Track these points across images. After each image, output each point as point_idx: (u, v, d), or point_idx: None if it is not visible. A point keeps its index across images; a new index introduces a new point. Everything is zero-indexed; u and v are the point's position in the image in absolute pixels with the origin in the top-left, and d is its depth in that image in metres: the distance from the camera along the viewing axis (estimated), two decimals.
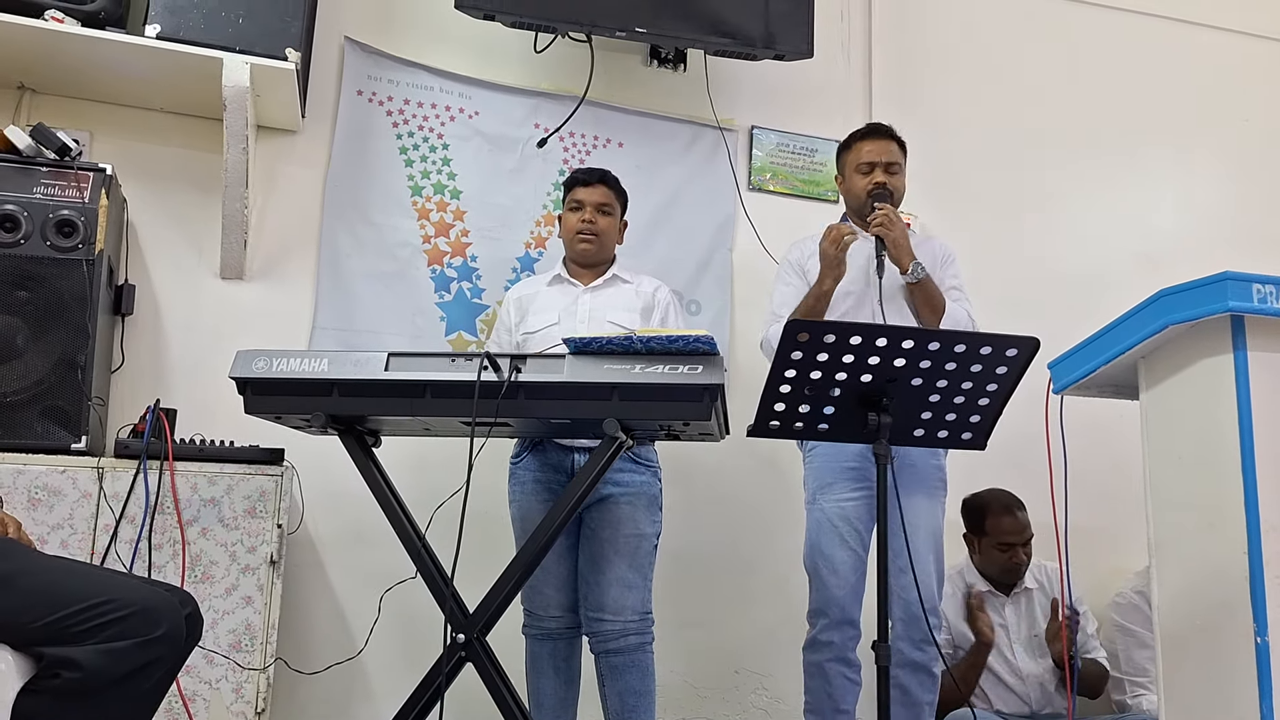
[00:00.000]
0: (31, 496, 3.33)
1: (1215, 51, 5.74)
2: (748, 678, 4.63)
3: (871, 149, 3.86)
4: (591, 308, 3.77)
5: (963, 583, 4.40)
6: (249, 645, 3.48)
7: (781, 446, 3.92)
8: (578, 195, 3.86)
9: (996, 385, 3.01)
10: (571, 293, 3.83)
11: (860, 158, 3.87)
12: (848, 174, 3.93)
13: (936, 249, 3.89)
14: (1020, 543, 4.34)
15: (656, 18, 4.53)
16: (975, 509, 4.43)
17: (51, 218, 3.50)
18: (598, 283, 3.84)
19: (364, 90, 4.55)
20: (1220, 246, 5.30)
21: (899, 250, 3.64)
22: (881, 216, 3.66)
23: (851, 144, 3.94)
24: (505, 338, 3.87)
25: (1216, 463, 2.45)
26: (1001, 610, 4.37)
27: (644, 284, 3.89)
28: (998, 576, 4.39)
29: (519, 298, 3.90)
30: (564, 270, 3.90)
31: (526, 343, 3.73)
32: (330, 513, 4.14)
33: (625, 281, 3.87)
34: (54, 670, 2.15)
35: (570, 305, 3.78)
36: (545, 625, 3.70)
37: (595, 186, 3.85)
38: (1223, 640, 2.43)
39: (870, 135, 3.91)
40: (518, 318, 3.84)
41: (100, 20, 3.78)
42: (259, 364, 2.98)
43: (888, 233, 3.65)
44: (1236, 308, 2.39)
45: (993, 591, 4.39)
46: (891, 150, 3.87)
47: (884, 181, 3.80)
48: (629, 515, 3.62)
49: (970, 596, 4.33)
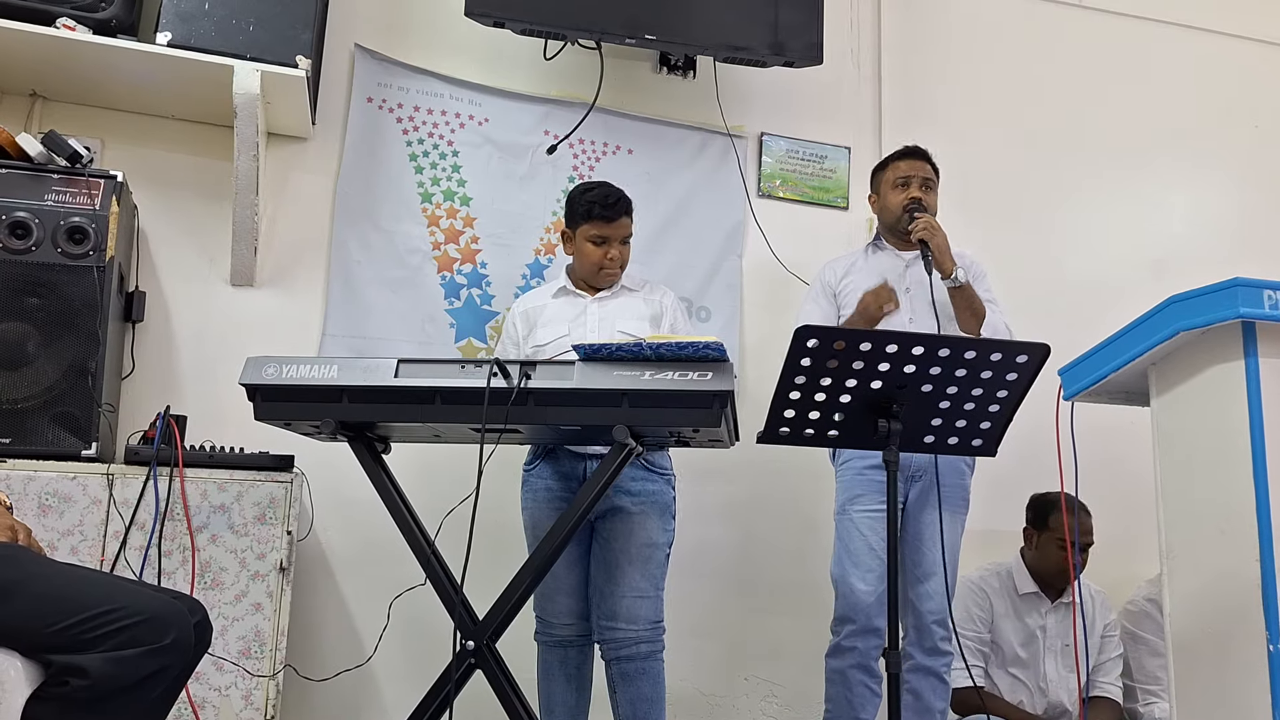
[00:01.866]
0: (42, 503, 3.33)
1: (1225, 57, 5.73)
2: (758, 685, 4.62)
3: (907, 167, 3.99)
4: (600, 317, 3.74)
5: (1010, 581, 4.40)
6: (258, 652, 3.47)
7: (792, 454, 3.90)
8: (602, 231, 3.71)
9: (1007, 392, 3.00)
10: (579, 303, 3.80)
11: (897, 174, 4.00)
12: (883, 191, 4.04)
13: (968, 263, 3.93)
14: (1083, 545, 4.31)
15: (666, 25, 4.53)
16: (1042, 503, 4.41)
17: (63, 225, 3.51)
18: (605, 294, 3.81)
19: (374, 97, 4.55)
20: (1230, 252, 5.31)
21: (943, 255, 3.74)
22: (924, 222, 3.78)
23: (888, 163, 4.07)
24: (512, 351, 3.82)
25: (1228, 469, 2.44)
26: (1043, 616, 4.36)
27: (650, 291, 3.87)
28: (1049, 577, 4.37)
29: (525, 310, 3.86)
30: (569, 282, 3.85)
31: (536, 356, 3.66)
32: (340, 519, 4.14)
33: (632, 290, 3.84)
34: (62, 677, 2.15)
35: (579, 316, 3.76)
36: (557, 633, 3.68)
37: (619, 221, 3.72)
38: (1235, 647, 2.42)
39: (906, 155, 4.04)
40: (525, 330, 3.81)
41: (112, 28, 3.78)
42: (269, 370, 2.98)
43: (932, 237, 3.75)
44: (1247, 314, 2.38)
45: (1039, 594, 4.37)
46: (926, 169, 3.99)
47: (919, 197, 3.91)
48: (641, 525, 3.60)
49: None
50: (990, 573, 4.41)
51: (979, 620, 4.31)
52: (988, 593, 4.36)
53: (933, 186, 3.98)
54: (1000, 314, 3.86)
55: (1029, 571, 4.40)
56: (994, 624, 4.34)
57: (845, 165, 5.08)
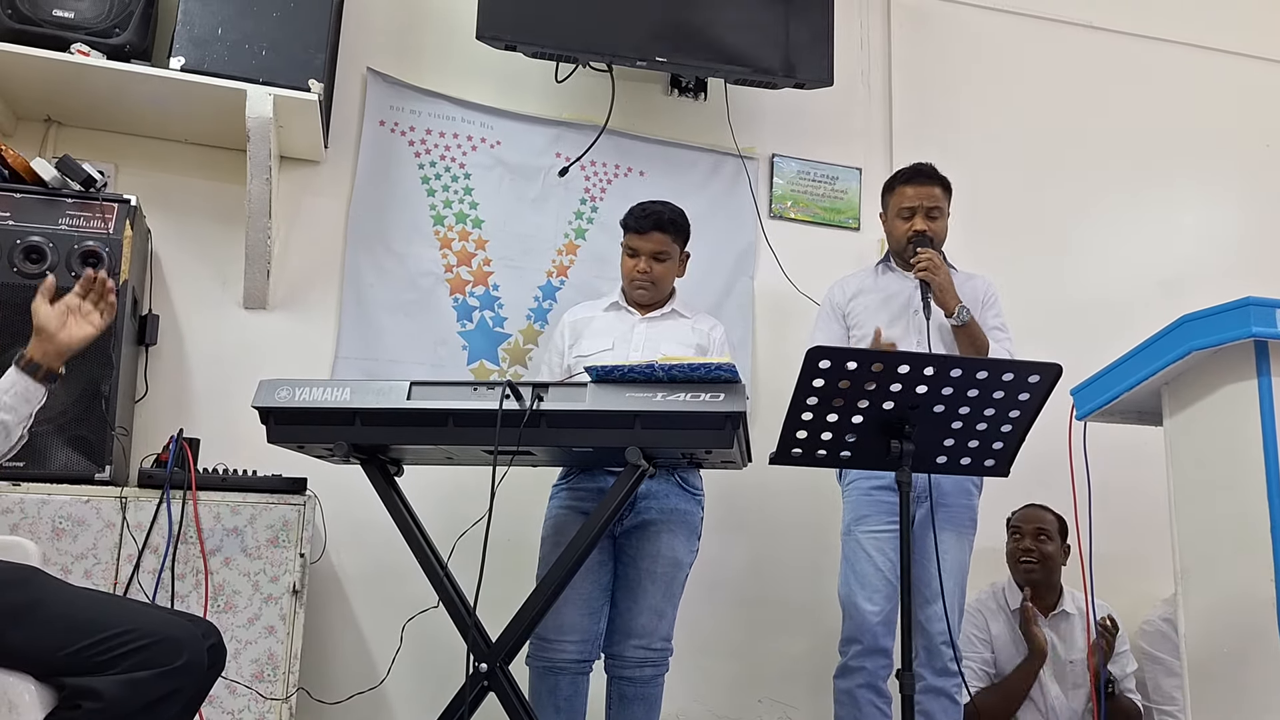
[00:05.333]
0: (56, 526, 3.33)
1: (1235, 77, 5.72)
2: (771, 706, 4.60)
3: (913, 194, 3.90)
4: (647, 337, 3.74)
5: (1003, 598, 4.40)
6: (271, 675, 3.47)
7: (809, 474, 3.91)
8: (632, 243, 3.78)
9: (1019, 412, 3.00)
10: (629, 320, 3.81)
11: (902, 202, 3.92)
12: (889, 216, 3.99)
13: (980, 287, 3.92)
14: (1027, 531, 4.36)
15: (677, 47, 4.55)
16: (1011, 519, 4.48)
17: (77, 249, 3.52)
18: (655, 314, 3.83)
19: (386, 120, 4.57)
20: (1242, 271, 5.29)
21: (944, 294, 3.70)
22: (925, 261, 3.71)
23: (895, 186, 3.98)
24: (555, 360, 3.85)
25: (1242, 488, 2.44)
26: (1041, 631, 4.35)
27: (701, 321, 3.87)
28: (1014, 574, 4.40)
29: (574, 321, 3.89)
30: (622, 299, 3.88)
31: (578, 365, 3.66)
32: (353, 542, 4.14)
33: (683, 316, 3.85)
34: (75, 700, 2.16)
35: (626, 332, 3.77)
36: (552, 655, 3.55)
37: (649, 235, 3.74)
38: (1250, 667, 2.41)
39: (913, 179, 3.94)
40: (571, 340, 3.83)
41: (125, 53, 3.81)
42: (282, 393, 2.99)
43: (933, 277, 3.70)
44: (1260, 333, 2.38)
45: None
46: (934, 194, 3.90)
47: (923, 230, 3.84)
48: (668, 544, 3.60)
49: (1025, 609, 4.28)
50: (987, 595, 4.42)
51: (979, 642, 4.30)
52: (984, 615, 4.36)
53: (941, 211, 3.90)
54: (1007, 344, 3.82)
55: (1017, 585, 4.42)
56: (993, 643, 4.33)
57: (856, 186, 5.08)
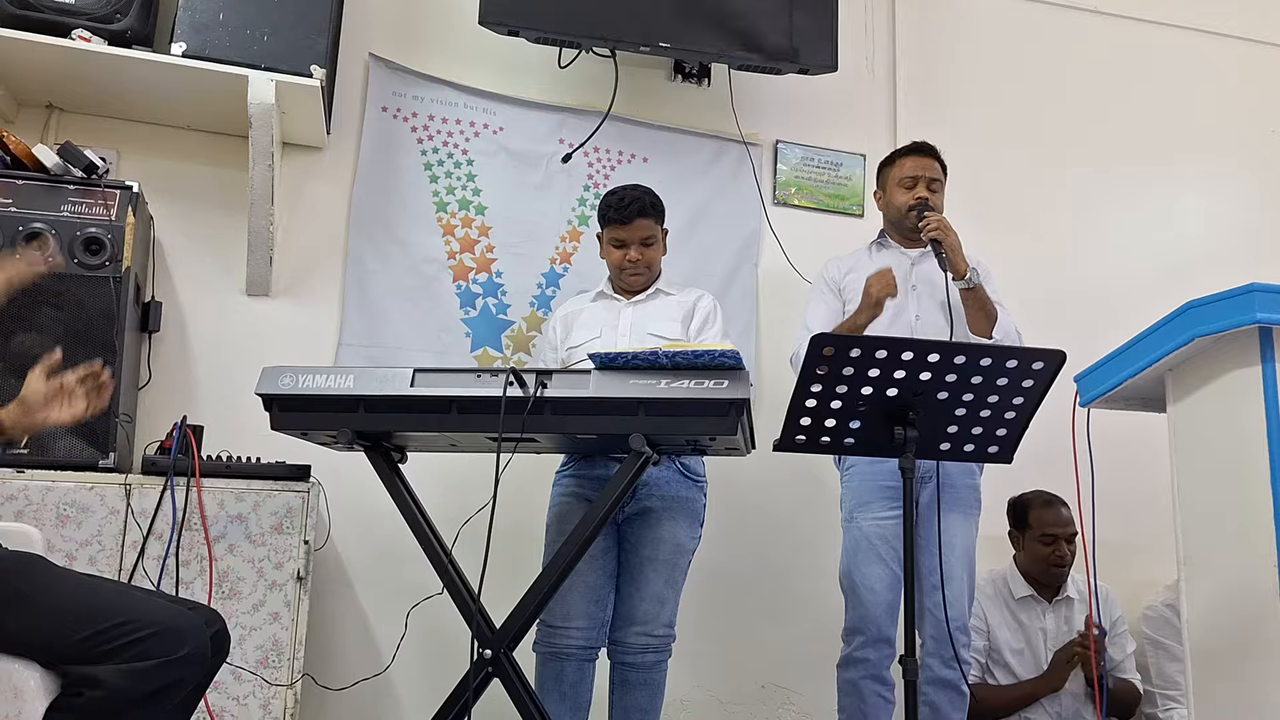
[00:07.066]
0: (60, 513, 3.34)
1: (1241, 62, 5.71)
2: (775, 693, 4.61)
3: (914, 165, 3.92)
4: (633, 321, 3.75)
5: (1005, 588, 4.40)
6: (276, 661, 3.48)
7: (811, 461, 3.90)
8: (618, 234, 3.76)
9: (1023, 399, 2.99)
10: (614, 307, 3.81)
11: (903, 172, 3.92)
12: (889, 188, 3.97)
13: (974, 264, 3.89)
14: (1064, 536, 4.32)
15: (680, 33, 4.54)
16: (1019, 505, 4.44)
17: (79, 235, 3.52)
18: (641, 297, 3.82)
19: (389, 106, 4.56)
20: (1247, 258, 5.29)
21: (956, 255, 3.66)
22: (934, 221, 3.70)
23: (895, 160, 3.99)
24: (550, 355, 3.85)
25: (1245, 475, 2.44)
26: (1042, 617, 4.36)
27: (686, 294, 3.87)
28: (1040, 576, 4.38)
29: (564, 315, 3.89)
30: (608, 287, 3.88)
31: (570, 359, 3.70)
32: (357, 529, 4.14)
33: (668, 293, 3.85)
34: (77, 689, 2.16)
35: (613, 319, 3.77)
36: (557, 642, 3.56)
37: (634, 224, 3.73)
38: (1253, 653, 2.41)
39: (914, 152, 3.96)
40: (563, 334, 3.83)
41: (127, 39, 3.80)
42: (285, 380, 2.98)
43: (945, 237, 3.67)
44: (1264, 319, 2.38)
45: (1035, 596, 4.38)
46: (934, 168, 3.92)
47: (925, 197, 3.84)
48: (670, 530, 3.60)
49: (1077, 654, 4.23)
50: (985, 581, 4.39)
51: (975, 631, 4.29)
52: (981, 602, 4.34)
53: (940, 185, 3.92)
54: (1010, 316, 3.82)
55: (1021, 575, 4.41)
56: (990, 633, 4.33)
57: (860, 172, 5.06)
